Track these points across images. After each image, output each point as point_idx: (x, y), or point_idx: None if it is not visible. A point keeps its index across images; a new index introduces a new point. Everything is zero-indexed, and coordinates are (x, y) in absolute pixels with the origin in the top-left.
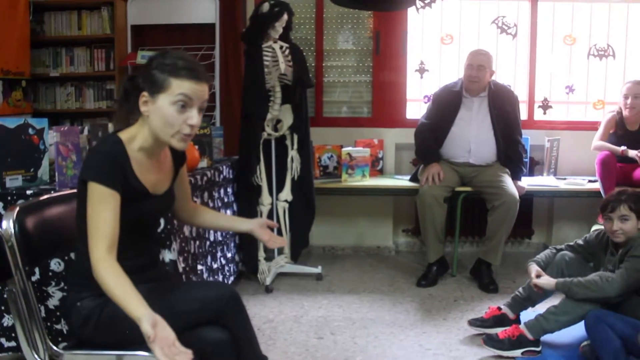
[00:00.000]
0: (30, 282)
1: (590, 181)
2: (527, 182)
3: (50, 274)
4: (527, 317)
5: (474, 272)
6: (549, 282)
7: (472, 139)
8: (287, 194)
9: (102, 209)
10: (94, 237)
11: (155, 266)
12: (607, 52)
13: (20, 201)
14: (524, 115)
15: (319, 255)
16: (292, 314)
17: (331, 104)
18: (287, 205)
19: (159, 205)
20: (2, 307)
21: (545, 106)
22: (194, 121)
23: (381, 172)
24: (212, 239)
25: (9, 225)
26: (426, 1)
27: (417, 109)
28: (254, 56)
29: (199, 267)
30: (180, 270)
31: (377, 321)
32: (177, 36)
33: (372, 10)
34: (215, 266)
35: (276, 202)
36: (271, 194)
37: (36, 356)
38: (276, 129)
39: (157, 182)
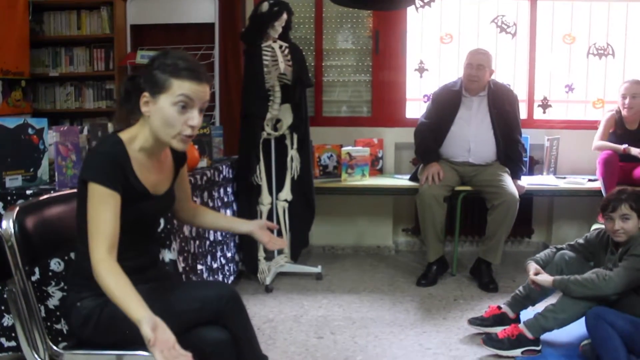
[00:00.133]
0: (30, 282)
1: (590, 180)
2: (527, 181)
3: (50, 273)
4: (527, 316)
5: (474, 272)
6: (546, 280)
7: (472, 138)
8: (286, 194)
9: (102, 209)
10: (94, 237)
11: (155, 266)
12: (606, 51)
13: (20, 201)
14: (523, 114)
15: (318, 254)
16: (292, 313)
17: (331, 103)
18: (286, 204)
19: (159, 205)
20: (2, 307)
21: (544, 105)
22: (195, 122)
23: (381, 172)
24: (212, 238)
25: (8, 225)
26: (425, 0)
27: (416, 109)
28: (254, 56)
29: (199, 266)
30: (180, 270)
31: (377, 321)
32: (177, 36)
33: (372, 9)
34: (215, 266)
35: (276, 202)
36: (271, 193)
37: (36, 356)
38: (276, 129)
39: (157, 183)
